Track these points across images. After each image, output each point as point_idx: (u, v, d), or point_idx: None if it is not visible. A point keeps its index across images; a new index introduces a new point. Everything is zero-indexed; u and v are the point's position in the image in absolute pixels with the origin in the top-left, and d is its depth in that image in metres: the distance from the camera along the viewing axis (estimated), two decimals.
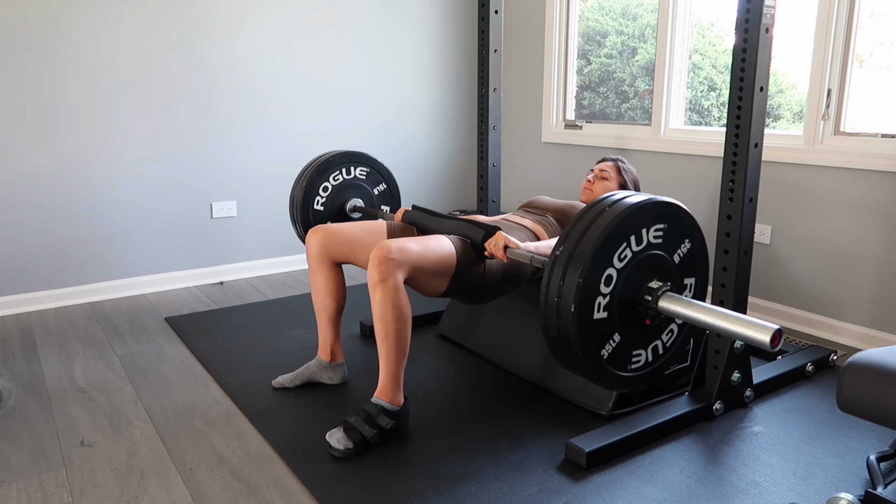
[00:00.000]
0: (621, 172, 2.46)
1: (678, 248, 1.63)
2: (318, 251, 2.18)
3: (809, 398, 2.19)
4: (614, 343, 1.55)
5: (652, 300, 1.55)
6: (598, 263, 1.49)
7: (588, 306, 1.49)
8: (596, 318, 1.50)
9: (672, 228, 1.61)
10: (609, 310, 1.52)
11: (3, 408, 2.13)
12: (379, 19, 3.84)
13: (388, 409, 1.86)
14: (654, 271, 1.59)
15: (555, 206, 2.40)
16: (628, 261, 1.54)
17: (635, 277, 1.56)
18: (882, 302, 2.59)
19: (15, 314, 3.03)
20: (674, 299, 1.54)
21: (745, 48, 1.93)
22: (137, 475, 1.76)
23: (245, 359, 2.50)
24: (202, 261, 3.50)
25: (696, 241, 1.67)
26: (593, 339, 1.51)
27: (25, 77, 2.93)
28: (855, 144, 2.62)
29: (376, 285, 1.83)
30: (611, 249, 1.50)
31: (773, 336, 1.39)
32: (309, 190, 2.62)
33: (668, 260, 1.61)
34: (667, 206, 1.59)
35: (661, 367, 1.67)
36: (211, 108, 3.39)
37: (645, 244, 1.56)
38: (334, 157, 2.66)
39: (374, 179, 2.77)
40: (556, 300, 1.50)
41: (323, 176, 2.65)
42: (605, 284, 1.51)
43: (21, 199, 2.99)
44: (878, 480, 1.64)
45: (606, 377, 1.56)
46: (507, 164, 4.28)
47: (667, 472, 1.77)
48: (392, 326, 1.84)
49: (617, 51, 3.68)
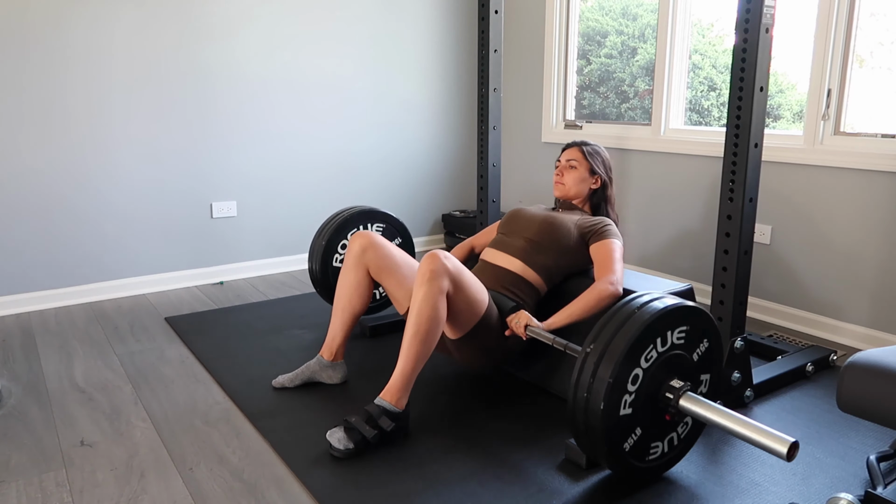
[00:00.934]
0: (588, 157, 2.35)
1: (697, 347, 1.71)
2: (359, 253, 2.25)
3: (809, 398, 2.19)
4: (636, 437, 1.62)
5: (673, 399, 1.62)
6: (627, 364, 1.56)
7: (615, 404, 1.56)
8: (622, 415, 1.58)
9: (693, 330, 1.68)
10: (633, 406, 1.60)
11: (3, 408, 2.13)
12: (379, 19, 3.84)
13: (390, 410, 1.86)
14: (675, 370, 1.66)
15: (531, 225, 2.25)
16: (653, 361, 1.61)
17: (658, 376, 1.63)
18: (882, 302, 2.59)
19: (15, 314, 3.03)
20: (694, 400, 1.61)
21: (745, 48, 1.93)
22: (137, 475, 1.76)
23: (245, 359, 2.50)
24: (202, 261, 3.50)
25: (714, 340, 1.75)
26: (618, 434, 1.58)
27: (25, 77, 2.93)
28: (855, 144, 2.62)
29: (423, 282, 1.86)
30: (639, 351, 1.58)
31: (789, 448, 1.43)
32: (329, 246, 2.72)
33: (688, 359, 1.69)
34: (691, 310, 1.67)
35: (675, 458, 1.74)
36: (211, 107, 3.39)
37: (669, 345, 1.64)
38: (351, 216, 2.77)
39: (389, 234, 2.87)
40: (586, 396, 1.56)
41: (342, 234, 2.75)
42: (631, 383, 1.58)
43: (21, 198, 2.99)
44: (878, 480, 1.64)
45: (627, 468, 1.63)
46: (507, 164, 4.28)
47: (667, 473, 1.76)
48: (425, 325, 1.85)
49: (617, 51, 3.68)
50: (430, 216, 4.29)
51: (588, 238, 2.20)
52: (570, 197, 2.37)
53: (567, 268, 2.23)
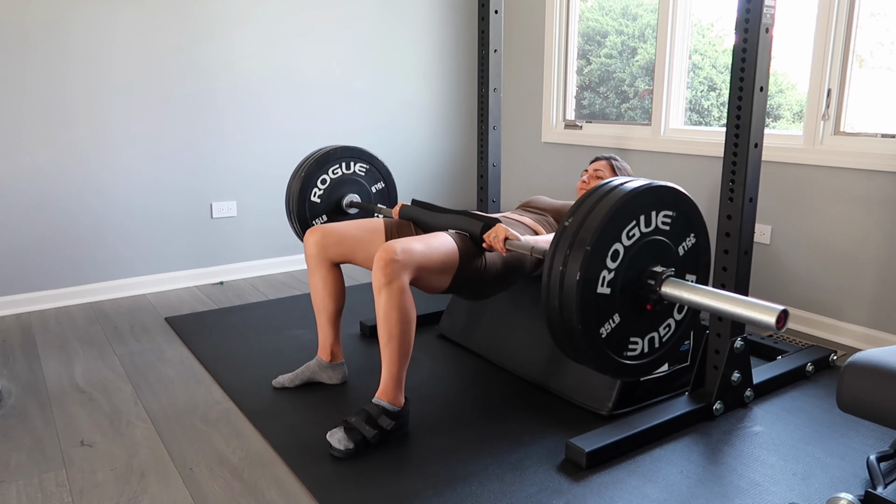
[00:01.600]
0: (615, 171, 2.46)
1: (684, 240, 1.64)
2: (316, 251, 2.17)
3: (809, 398, 2.19)
4: (613, 323, 1.54)
5: (655, 283, 1.55)
6: (607, 236, 1.48)
7: (593, 278, 1.48)
8: (599, 293, 1.50)
9: (680, 218, 1.62)
10: (612, 286, 1.52)
11: (3, 408, 2.13)
12: (379, 19, 3.84)
13: (388, 409, 1.86)
14: (658, 258, 1.59)
15: (553, 207, 2.40)
16: (636, 240, 1.54)
17: (641, 259, 1.56)
18: (882, 302, 2.59)
19: (15, 314, 3.03)
20: (677, 284, 1.54)
21: (745, 48, 1.93)
22: (137, 475, 1.76)
23: (245, 359, 2.50)
24: (202, 261, 3.50)
25: (701, 237, 1.68)
26: (594, 314, 1.50)
27: (25, 77, 2.93)
28: (855, 144, 2.62)
29: (382, 288, 1.82)
30: (620, 224, 1.50)
31: (778, 317, 1.38)
32: (307, 181, 2.60)
33: (672, 250, 1.61)
34: (678, 194, 1.60)
35: (656, 362, 1.66)
36: (211, 107, 3.39)
37: (653, 227, 1.56)
38: (335, 151, 2.66)
39: (372, 177, 2.77)
40: (562, 269, 1.49)
41: (322, 168, 2.64)
42: (611, 259, 1.51)
43: (21, 198, 2.99)
44: (878, 480, 1.64)
45: (602, 358, 1.55)
46: (507, 164, 4.28)
47: (667, 472, 1.77)
48: (396, 329, 1.84)
49: (617, 51, 3.68)
50: None
51: None
52: None
53: None
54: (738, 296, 1.47)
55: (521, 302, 2.41)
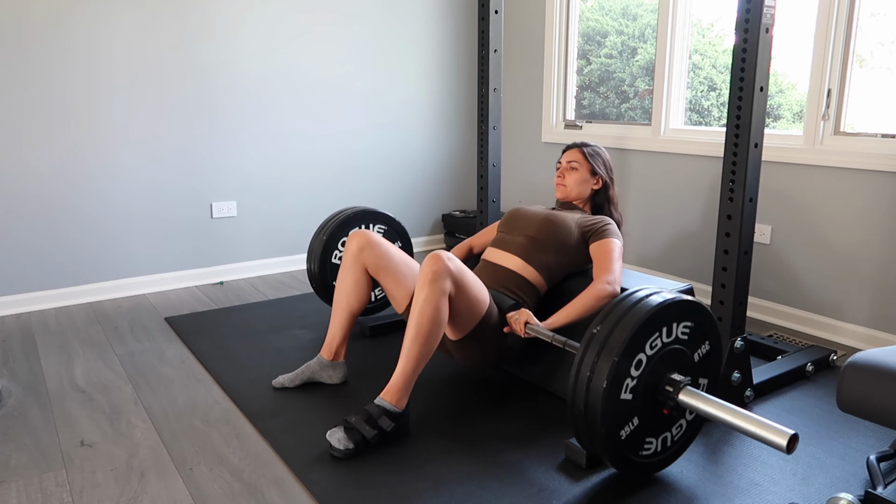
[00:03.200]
0: (588, 158, 2.35)
1: (699, 347, 1.72)
2: (356, 252, 2.24)
3: (809, 398, 2.19)
4: (632, 426, 1.62)
5: (673, 391, 1.63)
6: (633, 347, 1.56)
7: (618, 386, 1.56)
8: (622, 399, 1.58)
9: (698, 328, 1.69)
10: (634, 393, 1.60)
11: (3, 408, 2.13)
12: (379, 19, 3.84)
13: (390, 410, 1.86)
14: (676, 365, 1.67)
15: (532, 223, 2.24)
16: (657, 350, 1.62)
17: (661, 367, 1.64)
18: (882, 302, 2.59)
19: (15, 314, 3.03)
20: (693, 394, 1.61)
21: (745, 48, 1.93)
22: (137, 475, 1.76)
23: (245, 359, 2.50)
24: (202, 261, 3.50)
25: (715, 344, 1.75)
26: (616, 418, 1.58)
27: (25, 77, 2.93)
28: (855, 144, 2.62)
29: (426, 284, 1.85)
30: (645, 336, 1.58)
31: (789, 441, 1.43)
32: (329, 244, 2.71)
33: (689, 357, 1.69)
34: (697, 306, 1.68)
35: (666, 461, 1.74)
36: (211, 108, 3.39)
37: (674, 338, 1.65)
38: (355, 214, 2.76)
39: (391, 237, 2.86)
40: (589, 375, 1.56)
41: (343, 231, 2.74)
42: (635, 368, 1.58)
43: (21, 199, 2.99)
44: (878, 480, 1.64)
45: (620, 458, 1.63)
46: (507, 164, 4.28)
47: (667, 472, 1.77)
48: (426, 327, 1.85)
49: (617, 51, 3.68)
50: (430, 216, 4.29)
51: (588, 237, 2.20)
52: (571, 198, 2.37)
53: (568, 266, 2.22)
54: (751, 415, 1.52)
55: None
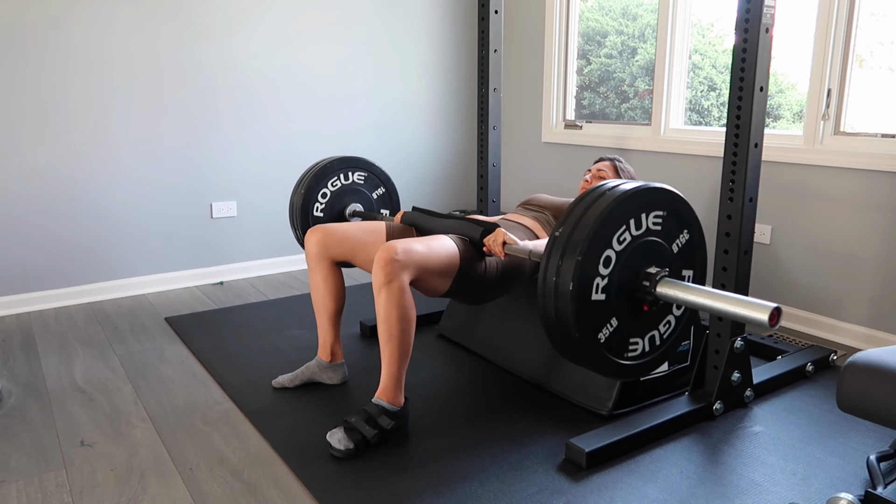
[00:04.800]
0: (618, 172, 2.46)
1: (677, 237, 1.64)
2: (317, 250, 2.18)
3: (809, 398, 2.19)
4: (611, 327, 1.55)
5: (650, 285, 1.56)
6: (597, 244, 1.49)
7: (586, 287, 1.49)
8: (594, 300, 1.51)
9: (671, 217, 1.62)
10: (607, 292, 1.53)
11: (3, 408, 2.13)
12: (379, 19, 3.84)
13: (388, 409, 1.86)
14: (652, 258, 1.60)
15: (553, 204, 2.41)
16: (627, 244, 1.54)
17: (634, 262, 1.56)
18: (882, 302, 2.59)
19: (15, 314, 3.03)
20: (672, 284, 1.55)
21: (745, 48, 1.93)
22: (137, 475, 1.76)
23: (245, 359, 2.50)
24: (202, 261, 3.50)
25: (695, 233, 1.68)
26: (591, 321, 1.51)
27: (26, 77, 2.93)
28: (855, 144, 2.62)
29: (381, 287, 1.82)
30: (610, 231, 1.51)
31: (771, 314, 1.39)
32: (308, 196, 2.63)
33: (666, 249, 1.62)
34: (666, 193, 1.60)
35: (658, 359, 1.67)
36: (211, 108, 3.39)
37: (644, 229, 1.57)
38: (332, 163, 2.67)
39: (372, 184, 2.78)
40: (555, 280, 1.50)
41: (321, 182, 2.65)
42: (603, 266, 1.51)
43: (21, 199, 2.99)
44: (878, 480, 1.64)
45: (603, 362, 1.55)
46: (507, 164, 4.28)
47: (667, 472, 1.77)
48: (396, 328, 1.84)
49: (617, 51, 3.68)
50: None
51: None
52: None
53: None
54: (732, 294, 1.48)
55: (521, 302, 2.41)
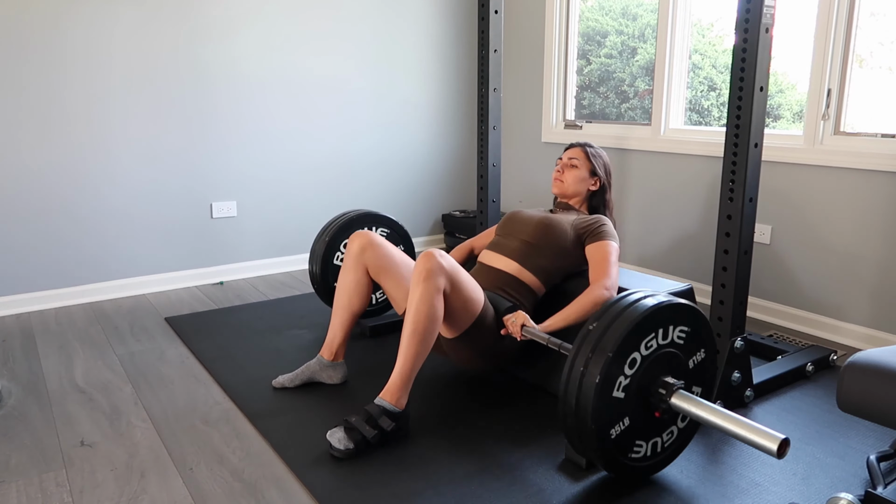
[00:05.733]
0: (590, 158, 2.37)
1: (694, 354, 1.71)
2: (357, 252, 2.25)
3: (809, 398, 2.19)
4: (623, 426, 1.61)
5: (666, 394, 1.62)
6: (628, 345, 1.56)
7: (611, 382, 1.56)
8: (614, 396, 1.57)
9: (694, 334, 1.69)
10: (627, 392, 1.59)
11: (3, 408, 2.13)
12: (379, 19, 3.84)
13: (390, 410, 1.86)
14: (670, 369, 1.66)
15: (528, 227, 2.24)
16: (652, 351, 1.61)
17: (654, 369, 1.63)
18: (882, 302, 2.59)
19: (15, 314, 3.03)
20: (686, 398, 1.61)
21: (745, 48, 1.93)
22: (137, 475, 1.76)
23: (245, 359, 2.50)
24: (202, 261, 3.50)
25: (710, 353, 1.75)
26: (607, 415, 1.57)
27: (24, 77, 2.93)
28: (855, 144, 2.62)
29: (420, 281, 1.86)
30: (641, 336, 1.58)
31: (779, 446, 1.43)
32: (331, 245, 2.71)
33: (683, 362, 1.69)
34: (695, 313, 1.68)
35: (657, 465, 1.73)
36: (210, 108, 3.39)
37: (669, 340, 1.64)
38: (358, 217, 2.76)
39: (393, 240, 2.86)
40: (582, 370, 1.56)
41: (345, 233, 2.73)
42: (629, 366, 1.58)
43: (21, 199, 2.99)
44: (878, 480, 1.64)
45: (608, 458, 1.62)
46: (507, 164, 4.28)
47: (667, 472, 1.77)
48: (422, 324, 1.85)
49: (617, 51, 3.68)
50: (430, 216, 4.29)
51: (584, 238, 2.20)
52: (568, 195, 2.37)
53: (565, 269, 2.22)
54: (743, 419, 1.52)
55: None
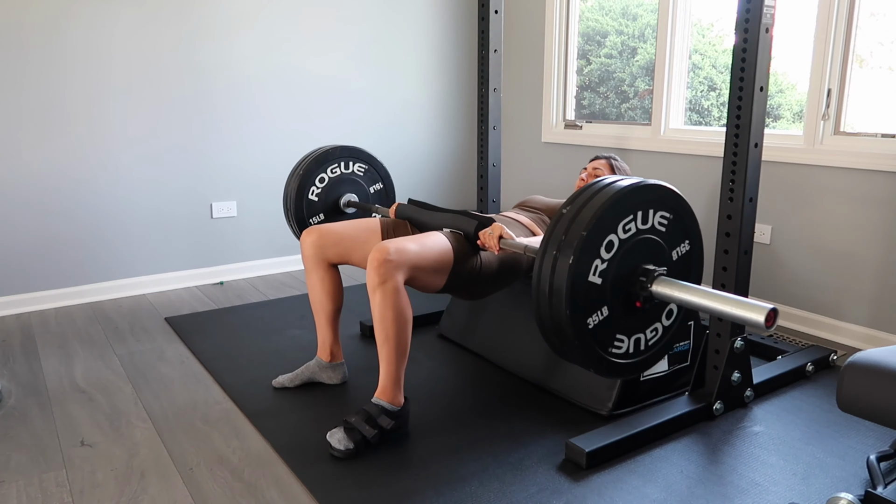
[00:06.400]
0: (614, 170, 2.47)
1: (678, 245, 1.63)
2: (312, 252, 2.17)
3: (809, 398, 2.19)
4: (601, 315, 1.52)
5: (647, 280, 1.54)
6: (604, 225, 1.47)
7: (585, 265, 1.46)
8: (590, 281, 1.48)
9: (677, 222, 1.61)
10: (604, 277, 1.50)
11: (3, 408, 2.13)
12: (379, 19, 3.84)
13: (388, 409, 1.86)
14: (652, 257, 1.58)
15: (548, 206, 2.41)
16: (631, 235, 1.52)
17: (634, 256, 1.54)
18: (882, 302, 2.59)
19: (15, 314, 3.03)
20: (668, 282, 1.52)
21: (745, 48, 1.93)
22: (137, 475, 1.76)
23: (245, 359, 2.50)
24: (202, 261, 3.50)
25: (696, 245, 1.67)
26: (583, 302, 1.48)
27: (24, 77, 2.93)
28: (855, 144, 2.62)
29: (376, 288, 1.82)
30: (618, 216, 1.49)
31: (767, 315, 1.37)
32: (305, 179, 2.59)
33: (666, 253, 1.60)
34: (677, 197, 1.59)
35: (639, 365, 1.64)
36: (210, 108, 3.39)
37: (650, 226, 1.55)
38: (334, 150, 2.66)
39: (371, 177, 2.77)
40: (555, 253, 1.48)
41: (321, 167, 2.63)
42: (605, 250, 1.49)
43: (21, 199, 2.99)
44: (878, 480, 1.64)
45: (586, 349, 1.52)
46: (507, 164, 4.28)
47: (667, 472, 1.77)
48: (392, 329, 1.84)
49: (617, 51, 3.68)
50: None
51: None
52: None
53: None
54: (728, 294, 1.46)
55: (521, 302, 2.41)
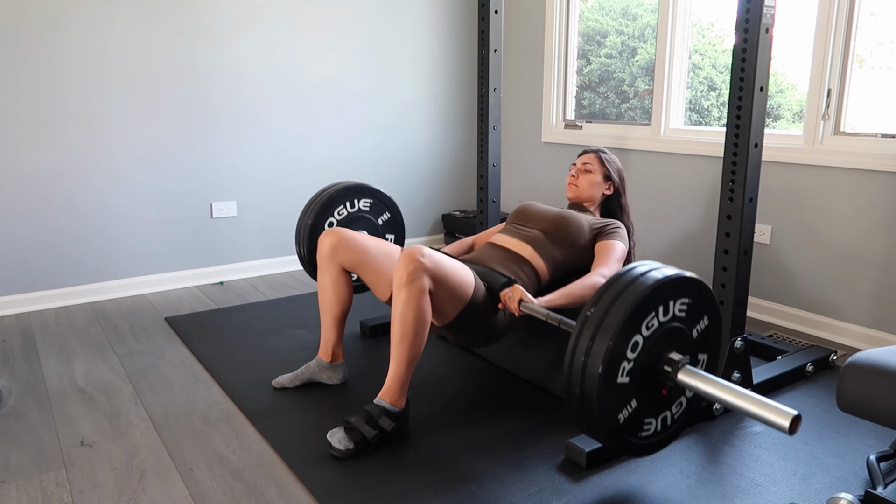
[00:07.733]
0: (604, 164, 2.41)
1: (698, 323, 1.68)
2: (328, 253, 2.20)
3: (809, 398, 2.19)
4: (630, 409, 1.59)
5: (672, 371, 1.59)
6: (628, 329, 1.52)
7: (614, 370, 1.52)
8: (619, 382, 1.54)
9: (695, 304, 1.66)
10: (631, 375, 1.56)
11: (3, 408, 2.13)
12: (379, 20, 3.84)
13: (389, 410, 1.86)
14: (674, 343, 1.63)
15: (545, 217, 2.30)
16: (654, 330, 1.58)
17: (658, 347, 1.60)
18: (882, 302, 2.59)
19: (15, 314, 3.03)
20: (692, 373, 1.58)
21: (745, 48, 1.93)
22: (137, 475, 1.76)
23: (245, 359, 2.50)
24: (202, 261, 3.50)
25: (714, 319, 1.72)
26: (613, 402, 1.55)
27: (24, 78, 2.93)
28: (855, 144, 2.62)
29: (402, 285, 1.82)
30: (641, 316, 1.54)
31: (791, 421, 1.40)
32: (315, 226, 2.63)
33: (687, 334, 1.66)
34: (694, 282, 1.64)
35: (667, 439, 1.71)
36: (210, 108, 3.39)
37: (670, 316, 1.60)
38: (338, 192, 2.65)
39: (377, 209, 2.78)
40: (583, 360, 1.53)
41: (328, 212, 2.65)
42: (631, 350, 1.55)
43: (21, 199, 2.99)
44: (878, 480, 1.64)
45: (620, 442, 1.59)
46: (507, 164, 4.28)
47: (667, 472, 1.77)
48: (410, 328, 1.83)
49: (617, 51, 3.68)
50: (430, 216, 4.29)
51: (597, 237, 2.23)
52: (582, 199, 2.39)
53: (574, 264, 2.23)
54: (753, 395, 1.49)
55: None
